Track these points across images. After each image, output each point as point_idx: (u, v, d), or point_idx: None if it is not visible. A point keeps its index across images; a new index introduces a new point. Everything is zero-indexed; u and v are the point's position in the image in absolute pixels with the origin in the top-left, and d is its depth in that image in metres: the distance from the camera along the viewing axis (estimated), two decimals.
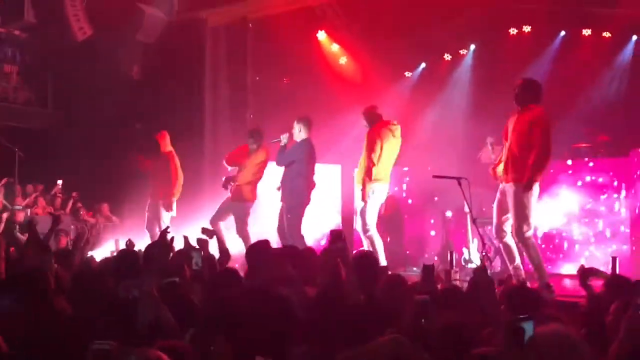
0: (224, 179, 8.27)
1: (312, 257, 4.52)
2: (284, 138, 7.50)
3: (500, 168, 6.39)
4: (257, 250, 4.48)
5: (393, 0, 10.20)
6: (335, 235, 5.16)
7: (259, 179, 8.14)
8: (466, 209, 7.18)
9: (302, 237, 7.24)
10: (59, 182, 11.35)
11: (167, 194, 8.34)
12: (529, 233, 6.17)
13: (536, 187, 6.13)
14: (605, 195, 8.43)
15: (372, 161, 7.05)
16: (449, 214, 8.79)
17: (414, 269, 8.33)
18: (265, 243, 4.64)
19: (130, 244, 5.98)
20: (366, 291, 3.76)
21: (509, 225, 6.32)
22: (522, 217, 6.11)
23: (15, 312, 3.15)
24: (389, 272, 6.42)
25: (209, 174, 9.87)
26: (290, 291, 3.49)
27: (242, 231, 7.99)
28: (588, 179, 8.60)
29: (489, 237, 8.62)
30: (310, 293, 3.77)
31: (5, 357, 2.72)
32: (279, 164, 7.54)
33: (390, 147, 7.20)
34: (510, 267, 6.40)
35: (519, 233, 6.15)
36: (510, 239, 6.36)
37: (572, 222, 8.49)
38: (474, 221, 6.44)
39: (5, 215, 9.39)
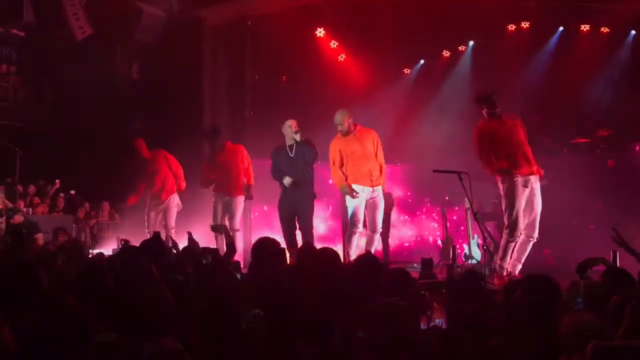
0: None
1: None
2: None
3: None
4: (264, 246, 4.52)
5: None
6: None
7: (244, 173, 8.16)
8: (467, 205, 7.23)
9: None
10: (57, 181, 11.37)
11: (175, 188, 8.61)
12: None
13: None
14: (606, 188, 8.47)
15: (381, 161, 7.18)
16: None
17: (414, 264, 8.35)
18: (273, 240, 4.67)
19: (125, 243, 6.00)
20: (369, 287, 3.79)
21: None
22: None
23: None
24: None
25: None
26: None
27: (234, 225, 8.10)
28: (587, 172, 8.64)
29: (489, 232, 8.68)
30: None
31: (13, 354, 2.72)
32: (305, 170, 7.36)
33: None
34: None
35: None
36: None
37: (572, 216, 8.53)
38: (474, 216, 6.46)
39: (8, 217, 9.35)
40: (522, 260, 6.48)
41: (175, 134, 10.13)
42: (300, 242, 7.21)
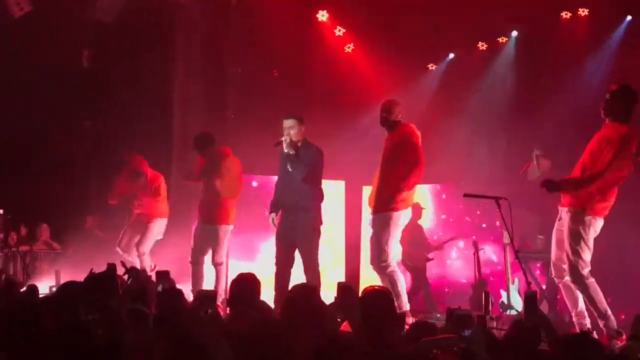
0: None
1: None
2: (286, 143, 7.04)
3: None
4: (244, 285, 4.51)
5: None
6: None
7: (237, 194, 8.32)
8: (505, 239, 7.20)
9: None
10: None
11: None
12: (586, 271, 6.22)
13: (599, 221, 6.25)
14: None
15: (406, 175, 6.94)
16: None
17: (437, 315, 8.33)
18: (254, 278, 4.67)
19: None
20: (380, 339, 3.77)
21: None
22: (575, 251, 6.18)
23: None
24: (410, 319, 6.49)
25: (175, 189, 9.89)
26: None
27: (219, 258, 8.22)
28: None
29: (534, 275, 8.66)
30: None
31: None
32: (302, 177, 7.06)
33: None
34: (573, 314, 6.43)
35: (573, 272, 6.20)
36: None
37: None
38: (516, 254, 6.43)
39: None
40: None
41: (137, 137, 10.15)
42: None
